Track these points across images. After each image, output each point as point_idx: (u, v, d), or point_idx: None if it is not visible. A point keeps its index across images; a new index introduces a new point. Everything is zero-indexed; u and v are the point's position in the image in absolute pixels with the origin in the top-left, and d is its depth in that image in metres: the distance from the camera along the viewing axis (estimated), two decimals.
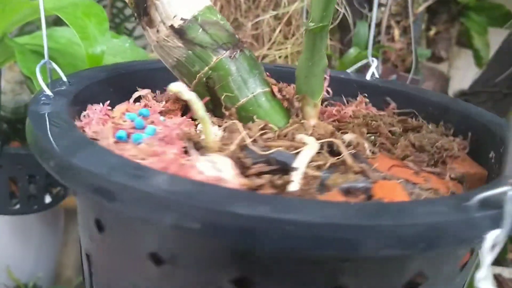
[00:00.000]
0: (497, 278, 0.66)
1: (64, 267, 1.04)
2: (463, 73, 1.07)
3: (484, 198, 0.21)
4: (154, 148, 0.25)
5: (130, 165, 0.21)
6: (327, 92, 0.40)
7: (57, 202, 0.71)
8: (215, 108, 0.33)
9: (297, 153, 0.27)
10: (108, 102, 0.32)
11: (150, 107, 0.33)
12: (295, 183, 0.24)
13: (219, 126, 0.31)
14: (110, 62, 0.55)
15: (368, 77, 0.43)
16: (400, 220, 0.19)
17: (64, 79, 0.32)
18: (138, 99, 0.35)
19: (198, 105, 0.25)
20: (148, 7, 0.31)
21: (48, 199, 0.69)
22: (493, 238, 0.20)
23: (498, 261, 0.69)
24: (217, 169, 0.24)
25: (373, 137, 0.34)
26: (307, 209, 0.19)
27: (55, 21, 0.90)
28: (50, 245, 1.01)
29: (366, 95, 0.40)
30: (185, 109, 0.34)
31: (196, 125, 0.32)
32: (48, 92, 0.30)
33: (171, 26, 0.31)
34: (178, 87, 0.25)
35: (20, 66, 0.45)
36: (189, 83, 0.33)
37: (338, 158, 0.28)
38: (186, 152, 0.27)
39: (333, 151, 0.29)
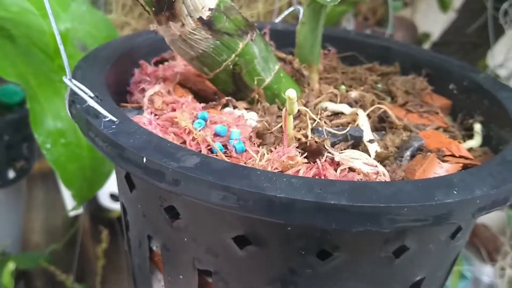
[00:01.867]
0: None
1: (31, 232, 1.02)
2: (425, 17, 1.07)
3: None
4: (284, 158, 0.25)
5: (314, 183, 0.21)
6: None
7: (21, 177, 0.68)
8: (237, 92, 0.33)
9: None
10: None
11: (174, 103, 0.31)
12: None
13: (246, 109, 0.31)
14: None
15: None
16: None
17: (91, 94, 0.27)
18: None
19: (295, 105, 0.25)
20: (175, 1, 0.29)
21: (11, 174, 0.66)
22: None
23: None
24: (370, 163, 0.24)
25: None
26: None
27: None
28: (13, 212, 0.98)
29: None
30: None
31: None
32: (112, 118, 0.25)
33: (200, 19, 0.30)
34: (294, 94, 0.24)
35: None
36: (210, 72, 0.32)
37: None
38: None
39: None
